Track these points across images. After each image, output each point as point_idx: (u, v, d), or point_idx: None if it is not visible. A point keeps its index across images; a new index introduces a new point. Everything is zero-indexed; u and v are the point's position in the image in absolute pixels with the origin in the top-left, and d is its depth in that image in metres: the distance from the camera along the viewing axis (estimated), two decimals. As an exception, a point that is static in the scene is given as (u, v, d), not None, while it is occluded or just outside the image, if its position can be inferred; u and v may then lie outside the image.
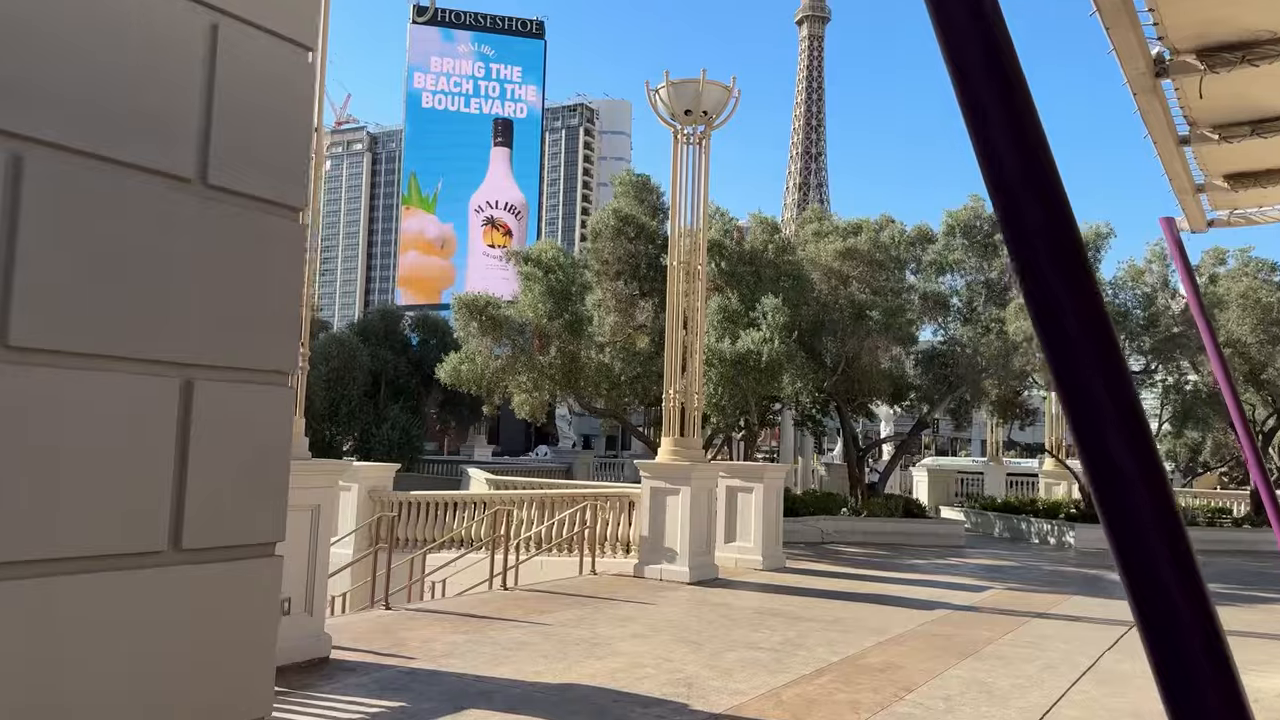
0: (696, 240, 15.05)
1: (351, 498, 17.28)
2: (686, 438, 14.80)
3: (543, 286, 20.53)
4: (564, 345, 20.82)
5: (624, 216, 22.08)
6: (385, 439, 25.76)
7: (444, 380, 21.75)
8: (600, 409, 23.01)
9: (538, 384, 20.83)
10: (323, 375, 25.29)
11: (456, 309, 20.85)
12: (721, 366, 17.93)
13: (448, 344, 30.03)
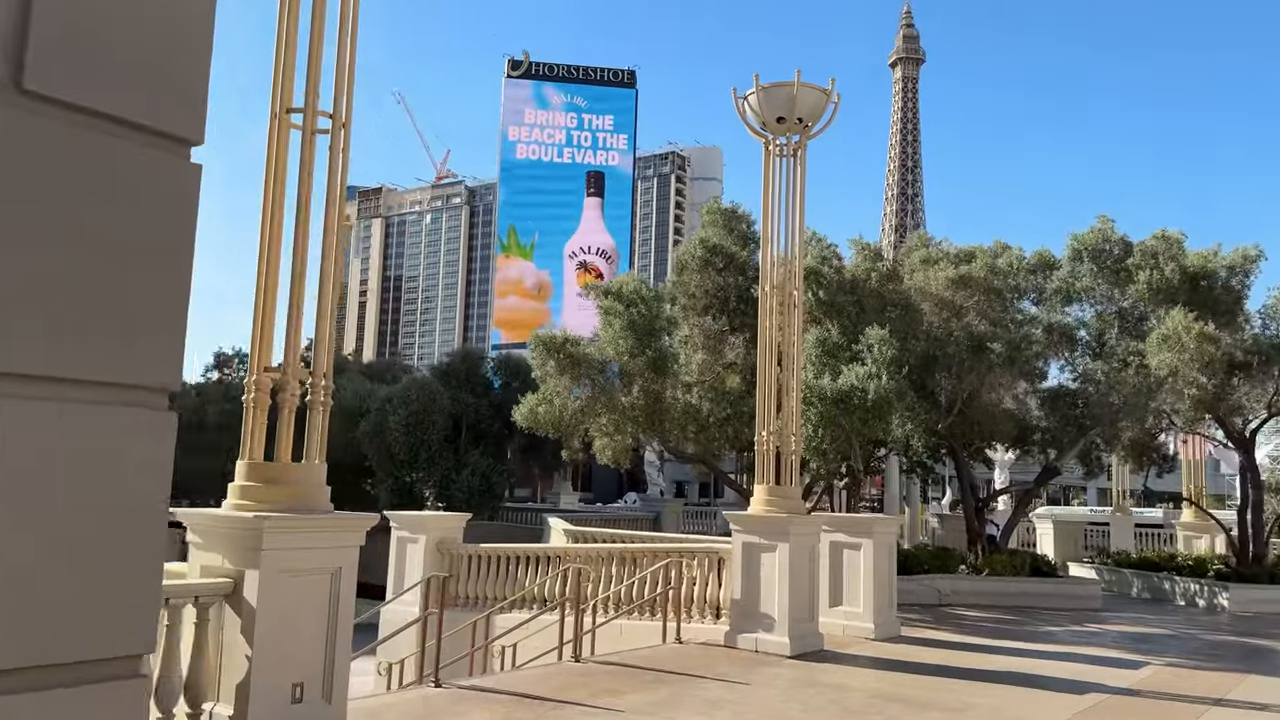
0: (792, 265, 13.32)
1: (419, 550, 15.93)
2: (783, 486, 12.93)
3: (623, 321, 19.03)
4: (647, 384, 19.23)
5: (712, 247, 20.51)
6: (465, 486, 24.55)
7: (520, 423, 20.38)
8: (688, 453, 21.28)
9: (619, 426, 19.25)
10: (402, 419, 24.30)
11: (533, 347, 19.51)
12: (821, 405, 16.03)
13: (530, 386, 28.84)
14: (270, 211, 7.59)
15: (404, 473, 24.85)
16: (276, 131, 7.55)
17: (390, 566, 16.33)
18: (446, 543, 16.02)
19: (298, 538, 7.00)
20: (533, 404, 20.08)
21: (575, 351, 19.30)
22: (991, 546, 22.40)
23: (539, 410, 19.82)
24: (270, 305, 7.59)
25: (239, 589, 6.84)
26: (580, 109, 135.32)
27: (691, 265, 20.42)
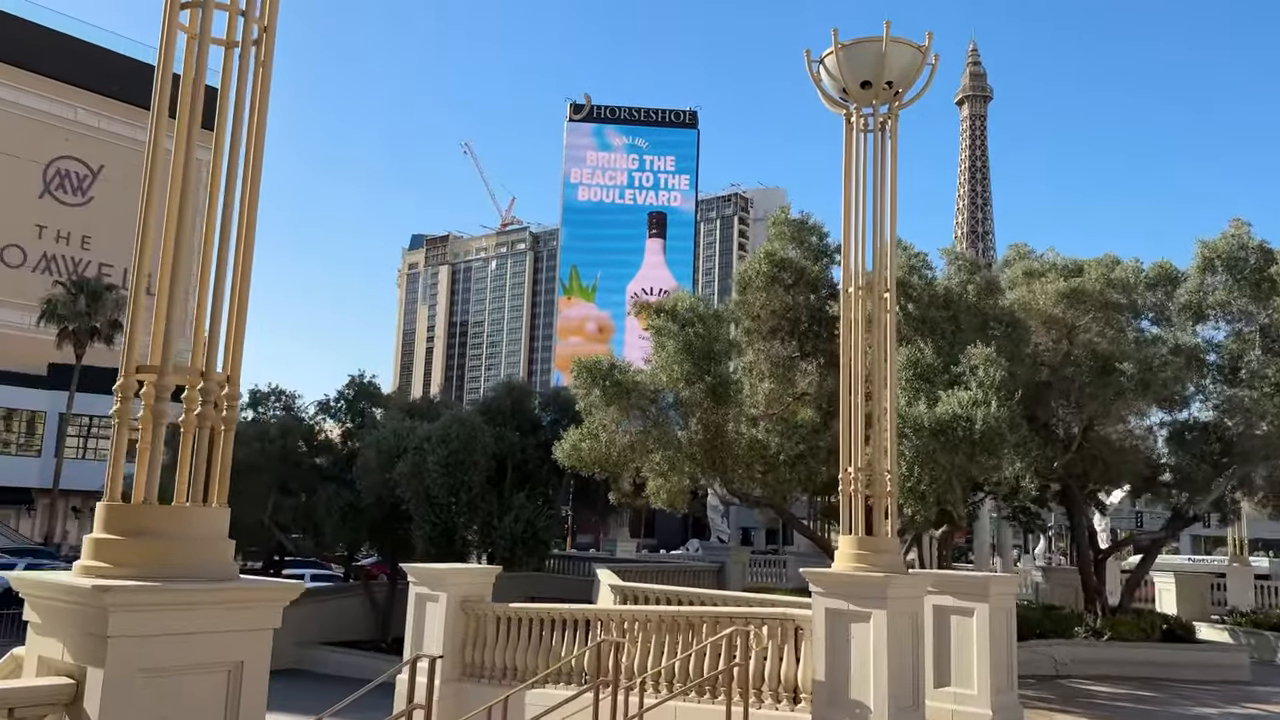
0: (881, 266, 10.75)
1: (439, 610, 13.53)
2: (877, 537, 10.23)
3: (678, 343, 16.56)
4: (706, 416, 16.67)
5: (779, 261, 18.01)
6: (508, 533, 22.18)
7: (562, 460, 17.93)
8: (754, 496, 18.62)
9: (675, 464, 16.68)
10: (441, 459, 22.13)
11: (576, 374, 17.14)
12: (917, 438, 13.31)
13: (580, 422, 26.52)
14: (155, 138, 5.41)
15: (443, 517, 22.57)
16: (166, 35, 5.38)
17: (408, 627, 13.96)
18: (471, 601, 13.61)
19: (168, 619, 4.64)
20: (576, 439, 17.62)
21: (624, 379, 16.84)
22: (1115, 606, 19.14)
23: (583, 446, 17.35)
24: (164, 278, 5.37)
25: (79, 697, 4.50)
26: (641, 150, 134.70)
27: (756, 282, 17.93)
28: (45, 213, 72.23)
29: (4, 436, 66.92)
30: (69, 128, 73.55)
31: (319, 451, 28.45)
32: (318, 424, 28.30)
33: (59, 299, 55.24)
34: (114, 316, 56.23)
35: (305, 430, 27.54)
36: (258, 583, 5.14)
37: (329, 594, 29.64)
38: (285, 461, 26.25)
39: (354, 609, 27.83)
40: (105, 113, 76.14)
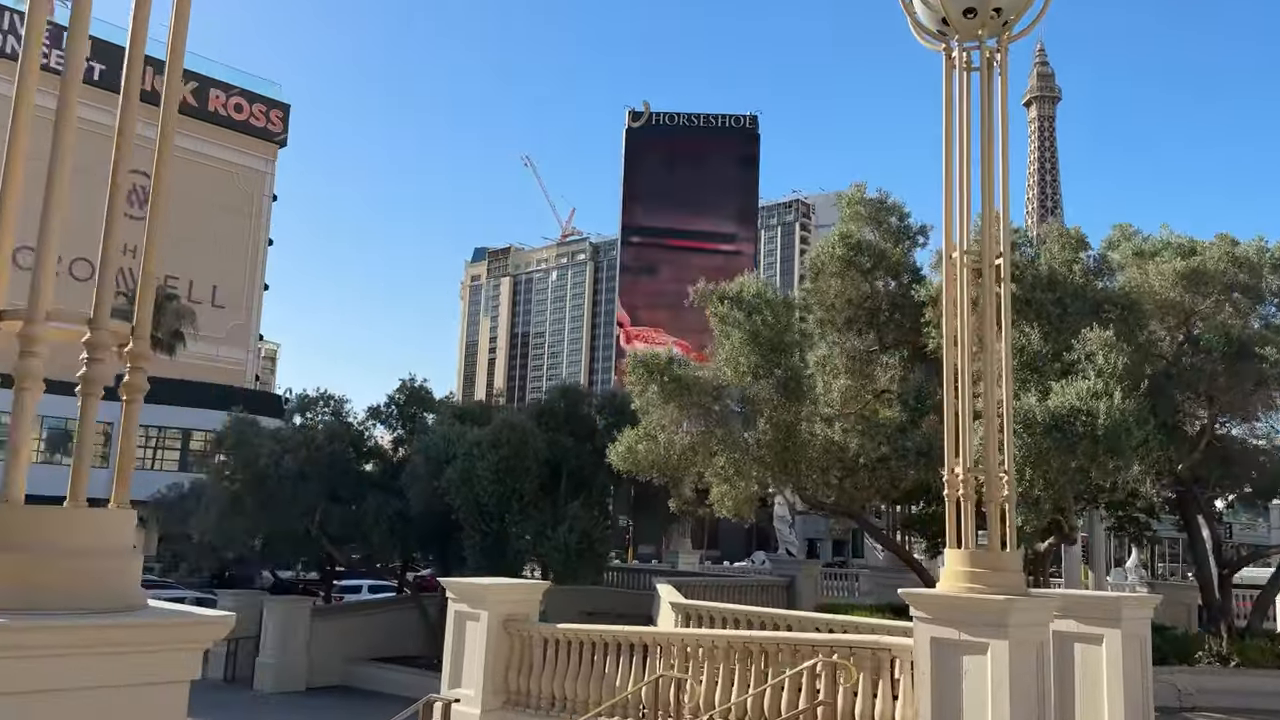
0: (992, 232, 8.98)
1: (480, 630, 12.07)
2: (993, 552, 8.45)
3: (744, 333, 14.88)
4: (776, 415, 14.95)
5: (856, 244, 16.23)
6: (561, 543, 20.69)
7: (616, 464, 16.32)
8: (829, 504, 16.81)
9: (741, 469, 14.99)
10: (491, 465, 20.79)
11: (631, 369, 15.54)
12: (1028, 435, 11.45)
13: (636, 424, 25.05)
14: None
15: (494, 526, 21.19)
16: None
17: (446, 649, 12.54)
18: (516, 621, 12.11)
19: (14, 670, 3.17)
20: (631, 440, 16.00)
21: (683, 373, 15.21)
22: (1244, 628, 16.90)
23: (639, 448, 15.74)
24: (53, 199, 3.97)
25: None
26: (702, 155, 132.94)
27: (830, 267, 16.18)
28: (113, 226, 73.33)
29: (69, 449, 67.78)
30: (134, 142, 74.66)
31: (368, 458, 27.37)
32: (366, 430, 27.22)
33: (119, 309, 55.60)
34: (175, 326, 56.52)
35: (354, 436, 26.47)
36: (165, 616, 3.66)
37: (379, 607, 28.56)
38: (333, 469, 25.18)
39: (406, 623, 26.66)
40: (170, 127, 77.21)
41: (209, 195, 78.85)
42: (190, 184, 77.70)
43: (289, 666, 23.05)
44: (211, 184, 79.35)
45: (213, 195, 79.09)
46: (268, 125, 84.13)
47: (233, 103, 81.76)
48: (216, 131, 79.95)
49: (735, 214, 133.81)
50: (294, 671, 23.06)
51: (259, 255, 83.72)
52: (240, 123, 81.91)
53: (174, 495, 28.20)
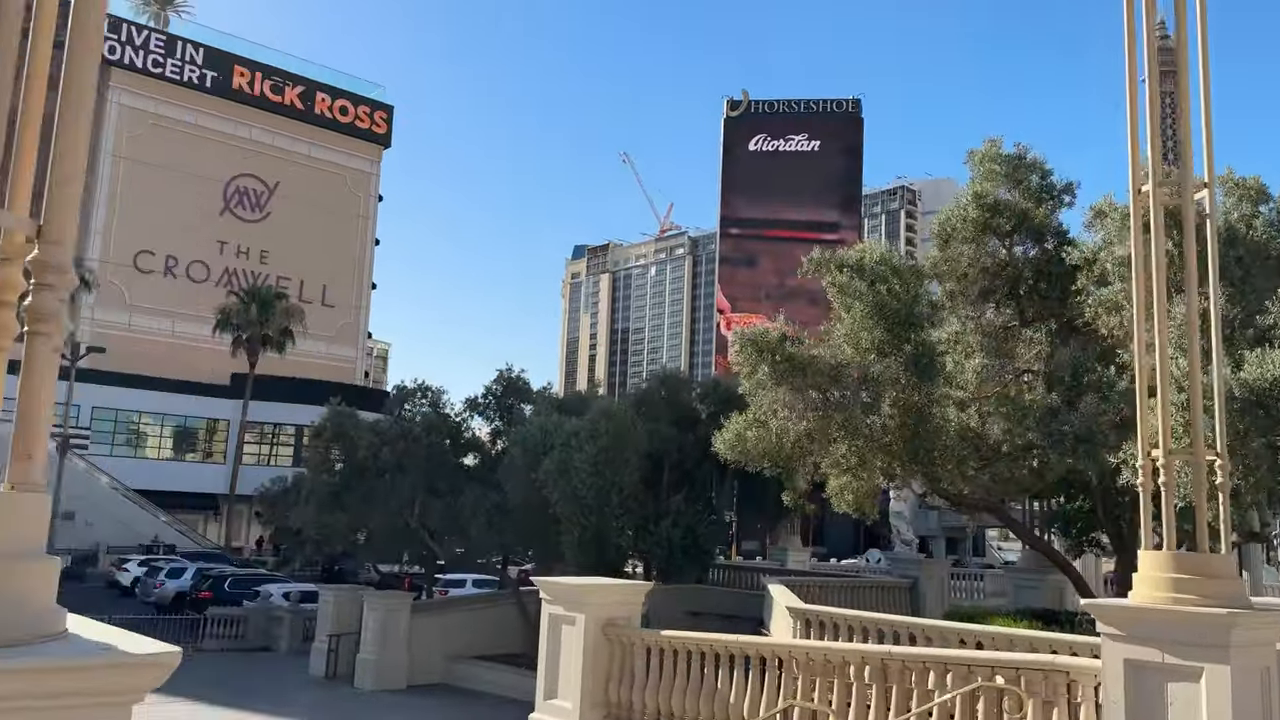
0: (1187, 158, 7.22)
1: (576, 635, 10.88)
2: (1202, 554, 6.73)
3: (867, 305, 13.26)
4: (905, 396, 13.29)
5: (991, 205, 14.40)
6: (664, 540, 19.42)
7: (723, 453, 14.89)
8: (964, 497, 15.02)
9: (864, 458, 13.37)
10: (589, 457, 19.67)
11: (739, 347, 14.07)
12: (1228, 413, 9.55)
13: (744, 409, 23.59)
14: None
15: (593, 520, 20.08)
16: None
17: (541, 652, 11.40)
18: (616, 625, 10.87)
19: None
20: (740, 427, 14.53)
21: (798, 353, 13.65)
22: None
23: (748, 436, 14.26)
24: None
25: None
26: (802, 143, 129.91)
27: (962, 232, 14.39)
28: (226, 229, 75.80)
29: (193, 445, 70.36)
30: (246, 147, 76.99)
31: (466, 450, 26.70)
32: (464, 421, 26.54)
33: (232, 308, 57.13)
34: (284, 324, 57.68)
35: (451, 428, 25.81)
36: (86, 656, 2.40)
37: (479, 603, 27.88)
38: (431, 461, 24.56)
39: (507, 620, 25.84)
40: (278, 130, 79.29)
41: (318, 197, 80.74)
42: (300, 186, 79.70)
43: (389, 664, 22.45)
44: (320, 186, 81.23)
45: (321, 197, 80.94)
46: (372, 127, 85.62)
47: (338, 105, 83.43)
48: (323, 134, 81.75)
49: (838, 202, 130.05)
50: (394, 669, 22.45)
51: (366, 255, 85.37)
52: (346, 125, 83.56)
53: (277, 489, 28.13)
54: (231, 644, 28.02)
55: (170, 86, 72.74)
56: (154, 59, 72.12)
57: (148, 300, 70.11)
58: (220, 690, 20.01)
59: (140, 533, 55.40)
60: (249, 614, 29.06)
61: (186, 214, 72.02)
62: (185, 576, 36.29)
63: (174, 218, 71.34)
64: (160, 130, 72.17)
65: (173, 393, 65.68)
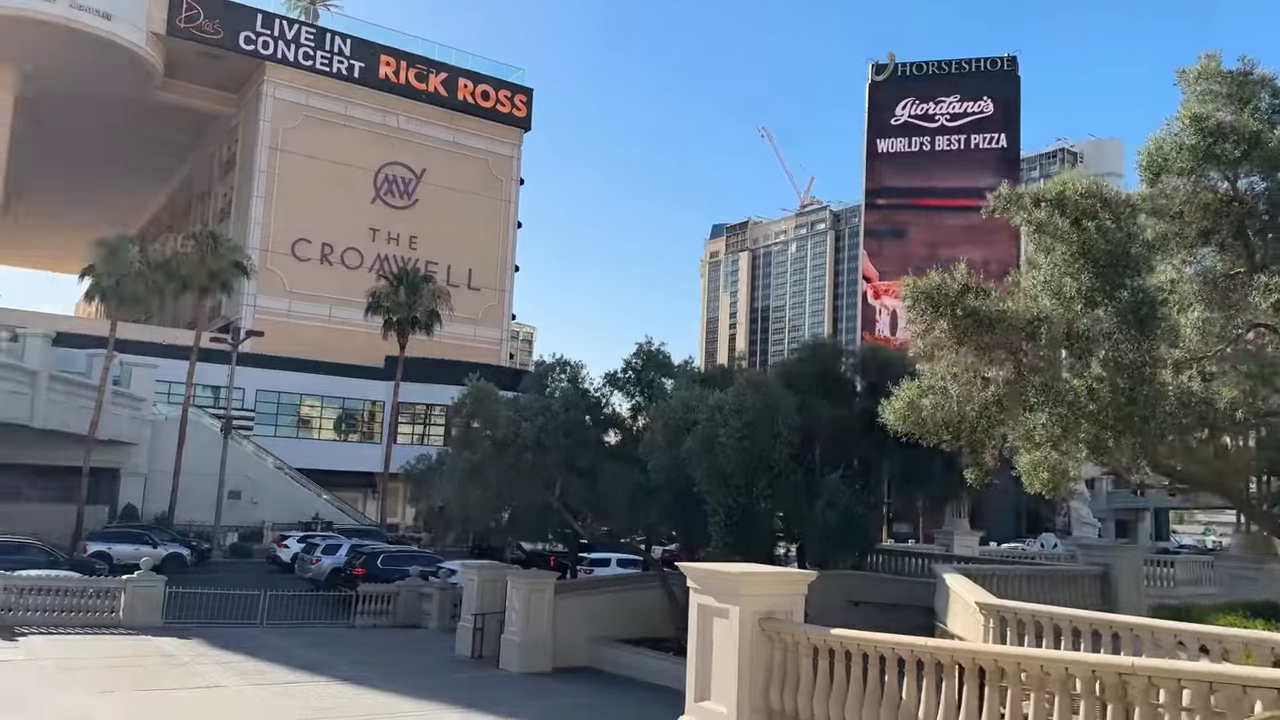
0: None
1: (730, 630, 9.53)
2: None
3: (1072, 246, 11.18)
4: (1119, 353, 11.15)
5: (1214, 128, 12.02)
6: (819, 522, 17.83)
7: (892, 424, 13.08)
8: (1184, 474, 12.71)
9: (1068, 428, 11.32)
10: (735, 432, 18.28)
11: (910, 302, 12.17)
12: None
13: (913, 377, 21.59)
14: None
15: (740, 501, 18.67)
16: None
17: (690, 647, 10.10)
18: (776, 620, 9.45)
19: None
20: (913, 395, 12.66)
21: (984, 306, 11.70)
22: None
23: (924, 404, 12.39)
24: None
25: None
26: (953, 105, 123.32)
27: (1177, 163, 12.07)
28: (377, 216, 78.06)
29: (351, 425, 73.03)
30: (394, 135, 78.97)
31: (606, 427, 25.73)
32: (603, 397, 25.56)
33: (381, 292, 58.53)
34: (431, 306, 58.69)
35: (591, 404, 24.86)
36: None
37: (624, 584, 26.98)
38: (570, 437, 23.66)
39: (652, 602, 24.80)
40: (423, 117, 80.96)
41: (462, 182, 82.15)
42: (445, 172, 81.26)
43: (534, 645, 21.77)
44: (464, 172, 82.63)
45: (465, 182, 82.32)
46: (513, 110, 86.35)
47: (480, 91, 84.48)
48: (466, 120, 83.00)
49: (993, 167, 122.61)
50: (540, 651, 21.76)
51: (509, 238, 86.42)
52: (488, 110, 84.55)
53: (422, 467, 28.00)
54: (383, 621, 28.19)
55: (321, 78, 75.27)
56: (304, 52, 74.73)
57: (305, 287, 73.03)
58: (368, 670, 19.81)
59: (302, 510, 57.78)
60: (400, 591, 29.18)
61: (339, 203, 74.56)
62: (340, 553, 37.09)
63: (328, 207, 73.97)
64: (312, 122, 74.84)
65: (330, 375, 68.29)
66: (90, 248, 47.25)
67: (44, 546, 32.77)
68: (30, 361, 42.73)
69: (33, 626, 22.55)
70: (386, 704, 16.85)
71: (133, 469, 52.83)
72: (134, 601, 24.19)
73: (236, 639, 23.04)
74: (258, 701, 16.25)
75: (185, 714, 14.93)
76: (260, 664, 20.03)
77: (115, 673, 18.07)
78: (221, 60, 73.01)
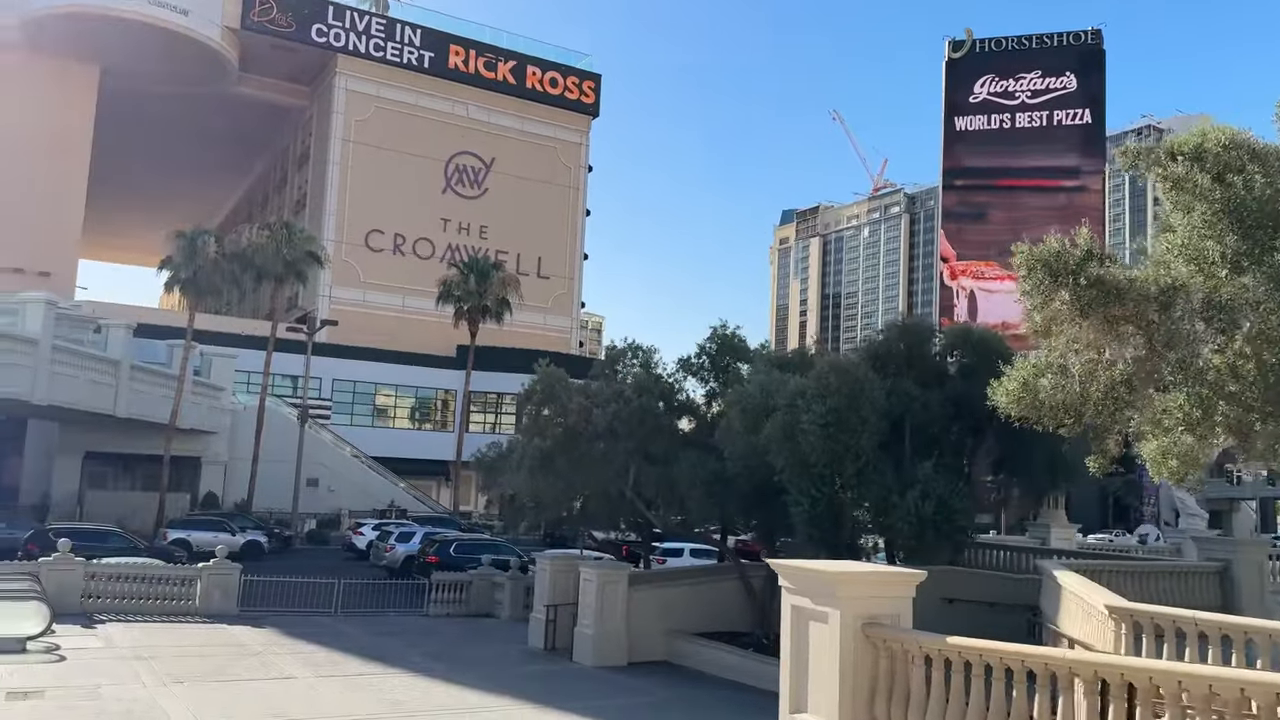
0: None
1: (830, 635, 8.56)
2: None
3: (1214, 205, 9.88)
4: (1264, 327, 9.83)
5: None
6: (911, 513, 16.73)
7: (1004, 407, 11.86)
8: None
9: (1208, 410, 10.03)
10: (818, 418, 17.25)
11: (1025, 271, 10.91)
12: None
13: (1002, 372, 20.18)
14: None
15: (825, 490, 17.63)
16: None
17: (784, 654, 9.16)
18: (880, 624, 8.47)
19: None
20: (1028, 374, 11.42)
21: (1111, 275, 10.44)
22: None
23: (1040, 384, 11.19)
24: None
25: None
26: (1035, 81, 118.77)
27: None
28: (448, 206, 78.37)
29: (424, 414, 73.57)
30: (464, 124, 79.11)
31: (679, 413, 24.86)
32: (676, 382, 24.69)
33: (452, 280, 58.57)
34: (501, 294, 58.53)
35: (664, 389, 24.01)
36: None
37: (700, 576, 26.11)
38: (644, 425, 22.86)
39: (729, 595, 23.92)
40: (492, 106, 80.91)
41: (531, 171, 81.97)
42: (513, 161, 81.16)
43: (609, 638, 21.06)
44: (532, 160, 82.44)
45: (534, 171, 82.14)
46: (581, 97, 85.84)
47: (548, 78, 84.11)
48: (534, 108, 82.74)
49: (1077, 145, 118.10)
50: (614, 644, 21.03)
51: (578, 226, 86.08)
52: (555, 97, 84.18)
53: (492, 454, 27.52)
54: (455, 610, 27.84)
55: (391, 69, 75.72)
56: (375, 43, 75.23)
57: (378, 277, 73.70)
58: (441, 663, 19.36)
59: (378, 497, 58.30)
60: (472, 580, 28.81)
61: (411, 193, 74.99)
62: (414, 540, 37.01)
63: (400, 197, 74.46)
64: (383, 113, 75.35)
65: (403, 365, 68.84)
66: (168, 240, 48.09)
67: (125, 534, 33.28)
68: (113, 352, 43.64)
69: (111, 614, 22.67)
70: (459, 698, 16.31)
71: (214, 457, 53.85)
72: (210, 589, 24.20)
73: (310, 628, 22.84)
74: (329, 694, 15.84)
75: (254, 707, 14.56)
76: (333, 654, 19.71)
77: (187, 662, 17.89)
78: (294, 53, 73.94)
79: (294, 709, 14.51)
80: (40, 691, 14.42)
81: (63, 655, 17.34)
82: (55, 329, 38.86)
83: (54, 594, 21.27)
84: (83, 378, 40.49)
